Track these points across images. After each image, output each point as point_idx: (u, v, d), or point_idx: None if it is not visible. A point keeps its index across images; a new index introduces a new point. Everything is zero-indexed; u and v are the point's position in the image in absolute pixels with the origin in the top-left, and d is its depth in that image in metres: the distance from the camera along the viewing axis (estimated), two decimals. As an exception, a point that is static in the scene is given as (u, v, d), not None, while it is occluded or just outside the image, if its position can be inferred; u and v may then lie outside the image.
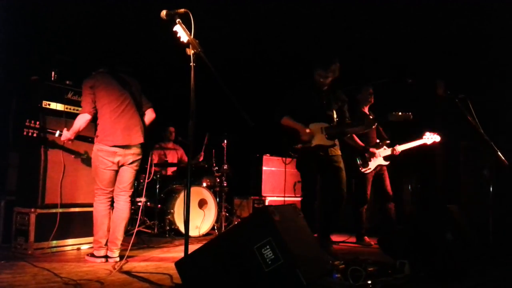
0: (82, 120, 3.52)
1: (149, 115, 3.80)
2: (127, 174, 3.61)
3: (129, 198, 3.64)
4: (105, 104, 3.50)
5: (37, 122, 3.60)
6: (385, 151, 4.93)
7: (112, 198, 3.62)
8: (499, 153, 3.94)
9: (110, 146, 3.46)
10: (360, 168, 4.89)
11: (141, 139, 3.63)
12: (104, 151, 3.46)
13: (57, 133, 3.62)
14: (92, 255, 3.53)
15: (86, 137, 3.74)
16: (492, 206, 4.50)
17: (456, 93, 4.13)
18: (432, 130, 4.97)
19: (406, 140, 5.00)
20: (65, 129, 3.63)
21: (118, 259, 3.50)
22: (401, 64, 6.06)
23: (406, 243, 3.54)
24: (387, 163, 4.94)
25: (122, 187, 3.60)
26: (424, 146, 5.01)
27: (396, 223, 4.97)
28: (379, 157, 4.91)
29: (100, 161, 3.47)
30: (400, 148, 4.92)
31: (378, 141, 5.00)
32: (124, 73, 3.71)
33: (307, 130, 4.04)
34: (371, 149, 4.86)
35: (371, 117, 4.96)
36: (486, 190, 4.60)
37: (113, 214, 3.57)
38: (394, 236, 3.81)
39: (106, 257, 3.50)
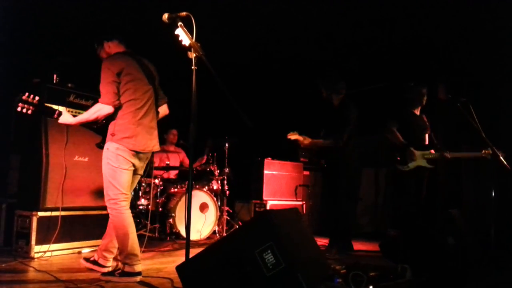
0: (102, 113, 2.99)
1: (163, 111, 3.39)
2: (135, 180, 3.29)
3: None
4: (131, 101, 3.05)
5: (36, 98, 2.99)
6: (431, 154, 4.57)
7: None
8: (501, 157, 3.93)
9: (130, 150, 3.05)
10: (398, 165, 4.61)
11: (158, 146, 3.29)
12: (125, 150, 3.02)
13: (57, 113, 3.08)
14: (125, 273, 3.01)
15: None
16: (493, 210, 4.49)
17: (458, 97, 4.14)
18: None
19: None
20: (65, 109, 3.20)
21: (111, 269, 3.20)
22: (402, 67, 6.06)
23: (408, 248, 3.53)
24: (431, 166, 4.59)
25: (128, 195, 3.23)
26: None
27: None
28: (422, 159, 4.56)
29: (122, 161, 3.00)
30: (452, 154, 4.56)
31: (426, 144, 4.72)
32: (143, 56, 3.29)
33: None
34: (412, 149, 4.55)
35: (425, 119, 4.79)
36: (488, 195, 4.59)
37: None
38: (395, 240, 3.80)
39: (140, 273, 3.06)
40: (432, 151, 4.60)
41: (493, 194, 4.56)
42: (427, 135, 4.77)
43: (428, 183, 4.69)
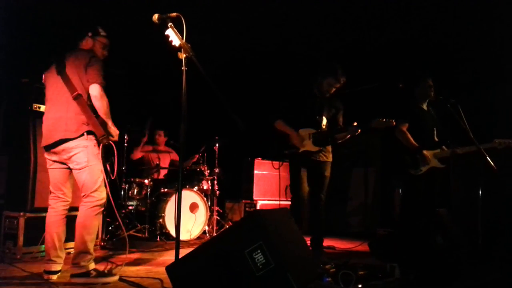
0: None
1: (91, 93, 3.01)
2: (76, 176, 3.08)
3: (89, 203, 3.04)
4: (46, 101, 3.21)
5: None
6: (443, 152, 4.33)
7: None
8: (488, 158, 3.99)
9: (42, 146, 3.15)
10: (410, 170, 4.31)
11: (61, 135, 2.99)
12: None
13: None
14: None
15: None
16: (481, 209, 4.55)
17: (448, 98, 4.18)
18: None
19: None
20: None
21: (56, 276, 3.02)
22: (392, 68, 6.10)
23: (397, 247, 3.57)
24: (442, 166, 4.34)
25: (82, 193, 3.09)
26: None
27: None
28: (434, 159, 4.30)
29: (47, 161, 3.18)
30: (463, 150, 4.24)
31: (437, 140, 4.45)
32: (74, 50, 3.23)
33: (299, 137, 4.16)
34: (424, 152, 4.26)
35: (433, 113, 4.52)
36: (475, 194, 4.64)
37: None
38: (384, 239, 3.84)
39: (52, 272, 3.00)
40: (444, 147, 4.35)
41: (480, 193, 4.62)
42: (435, 129, 4.51)
43: (442, 183, 4.47)
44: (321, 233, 4.22)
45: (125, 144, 5.44)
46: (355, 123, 4.02)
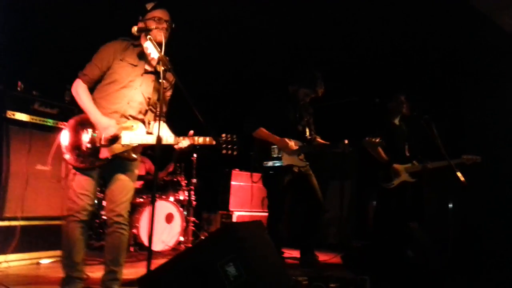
0: None
1: None
2: None
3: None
4: None
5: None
6: (414, 167, 4.47)
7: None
8: (458, 173, 4.11)
9: None
10: (382, 183, 4.42)
11: None
12: None
13: None
14: None
15: None
16: (452, 223, 4.66)
17: (421, 114, 4.31)
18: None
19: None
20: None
21: None
22: (368, 82, 6.23)
23: (368, 259, 3.63)
24: (413, 180, 4.47)
25: None
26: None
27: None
28: (405, 174, 4.44)
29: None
30: (433, 165, 4.41)
31: (408, 155, 4.63)
32: None
33: (292, 144, 3.91)
34: (395, 165, 4.41)
35: (404, 128, 4.67)
36: (446, 208, 4.76)
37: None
38: (356, 252, 3.90)
39: None
40: (415, 162, 4.48)
41: (451, 206, 4.73)
42: (407, 144, 4.65)
43: (413, 196, 4.61)
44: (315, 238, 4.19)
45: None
46: (346, 141, 3.93)
